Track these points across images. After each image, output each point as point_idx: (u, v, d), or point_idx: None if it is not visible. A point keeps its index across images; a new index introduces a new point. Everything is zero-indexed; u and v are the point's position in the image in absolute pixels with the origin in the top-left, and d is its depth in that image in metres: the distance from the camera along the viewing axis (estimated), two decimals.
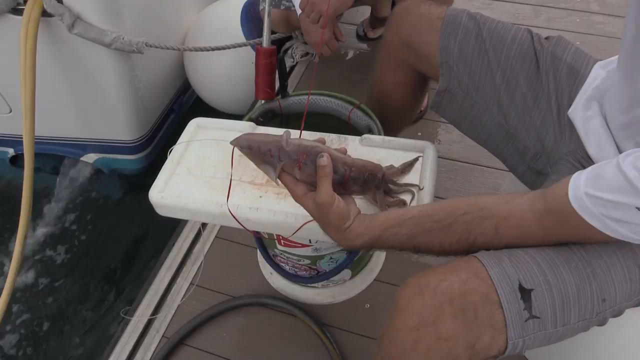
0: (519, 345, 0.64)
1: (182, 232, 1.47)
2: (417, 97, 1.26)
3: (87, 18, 1.61)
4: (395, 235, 0.72)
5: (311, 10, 1.38)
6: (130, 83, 1.85)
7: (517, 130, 1.00)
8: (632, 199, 0.56)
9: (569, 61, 0.94)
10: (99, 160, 2.13)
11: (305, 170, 0.74)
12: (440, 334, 0.62)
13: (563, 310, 0.65)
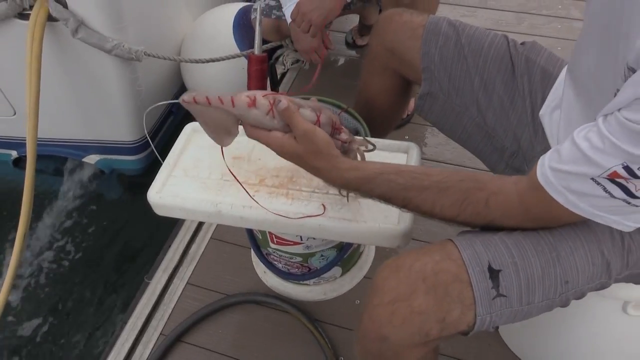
0: (487, 321, 0.70)
1: (178, 234, 1.51)
2: (402, 101, 1.32)
3: (91, 24, 1.67)
4: (390, 182, 0.76)
5: (302, 20, 1.44)
6: (131, 86, 1.90)
7: (495, 131, 1.06)
8: (586, 169, 0.61)
9: (543, 65, 1.00)
10: (101, 162, 2.18)
11: (277, 118, 0.77)
12: (413, 308, 0.68)
13: (528, 290, 0.71)
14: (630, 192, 0.60)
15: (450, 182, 0.75)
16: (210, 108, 0.76)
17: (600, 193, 0.62)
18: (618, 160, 0.58)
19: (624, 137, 0.57)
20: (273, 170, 1.04)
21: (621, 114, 0.57)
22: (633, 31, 0.61)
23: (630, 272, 0.79)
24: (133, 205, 2.20)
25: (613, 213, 0.65)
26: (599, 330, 1.04)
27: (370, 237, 0.96)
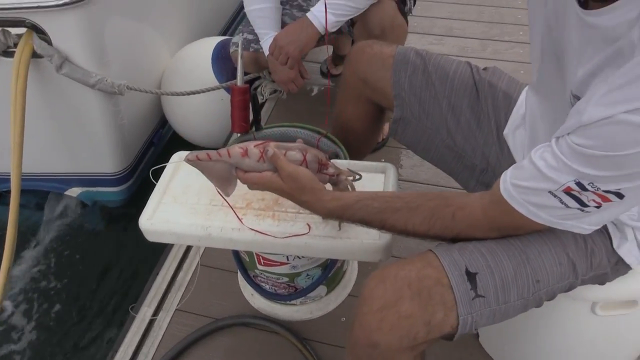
0: (469, 321, 0.76)
1: (165, 261, 1.55)
2: (376, 126, 1.40)
3: (75, 60, 1.72)
4: (367, 207, 0.85)
5: (279, 53, 1.52)
6: (114, 119, 1.95)
7: (464, 150, 1.14)
8: (543, 184, 0.69)
9: (504, 88, 1.10)
10: (83, 194, 2.21)
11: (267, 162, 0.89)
12: (400, 313, 0.74)
13: (504, 290, 0.78)
14: (583, 202, 0.69)
15: (419, 202, 0.84)
16: (211, 162, 0.88)
17: (557, 204, 0.70)
18: (570, 177, 0.66)
19: (573, 158, 0.65)
20: (259, 193, 1.10)
21: (570, 138, 0.65)
22: (572, 63, 0.71)
23: (595, 273, 0.87)
24: (116, 237, 2.22)
25: (569, 219, 0.73)
26: (572, 331, 1.11)
27: (353, 252, 1.02)
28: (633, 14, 0.61)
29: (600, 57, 0.66)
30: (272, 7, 1.65)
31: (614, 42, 0.63)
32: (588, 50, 0.68)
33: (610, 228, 0.86)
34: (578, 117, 0.64)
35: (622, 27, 0.63)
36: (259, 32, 1.66)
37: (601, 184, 0.65)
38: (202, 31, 2.48)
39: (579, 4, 0.70)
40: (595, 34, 0.67)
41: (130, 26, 2.01)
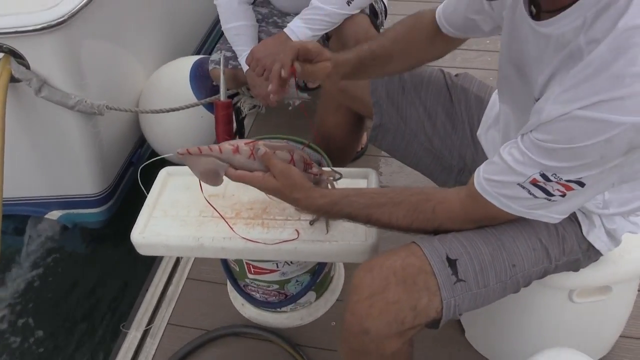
0: (452, 305, 0.82)
1: (154, 277, 1.56)
2: (356, 134, 1.46)
3: (53, 82, 1.73)
4: (353, 204, 0.90)
5: (256, 65, 1.56)
6: (93, 140, 1.96)
7: (442, 152, 1.20)
8: (512, 177, 0.76)
9: (475, 92, 1.17)
10: (63, 217, 2.19)
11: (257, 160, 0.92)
12: (388, 299, 0.79)
13: (483, 274, 0.84)
14: (549, 192, 0.76)
15: (402, 197, 0.89)
16: (201, 157, 0.91)
17: (526, 195, 0.77)
18: (535, 170, 0.74)
19: (536, 152, 0.73)
20: (247, 203, 1.13)
21: (532, 134, 0.73)
22: (533, 71, 0.79)
23: (568, 258, 0.93)
24: (100, 258, 2.21)
25: (538, 209, 0.79)
26: (552, 319, 1.17)
27: (342, 254, 1.06)
28: (578, 21, 0.69)
29: (554, 62, 0.73)
30: (248, 24, 1.70)
31: (564, 48, 0.71)
32: (544, 57, 0.76)
33: (579, 216, 0.92)
34: (538, 116, 0.71)
35: (570, 33, 0.70)
36: (236, 49, 1.70)
37: (563, 174, 0.71)
38: (177, 51, 2.51)
39: (531, 17, 0.77)
40: (548, 42, 0.74)
41: (106, 48, 2.03)
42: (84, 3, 1.70)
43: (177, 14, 2.57)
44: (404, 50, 1.07)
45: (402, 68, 1.12)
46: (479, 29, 1.00)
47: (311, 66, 0.96)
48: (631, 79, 0.63)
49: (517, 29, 0.82)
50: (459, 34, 1.04)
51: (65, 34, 1.70)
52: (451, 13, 1.02)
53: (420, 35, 1.07)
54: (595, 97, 0.65)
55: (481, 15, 0.97)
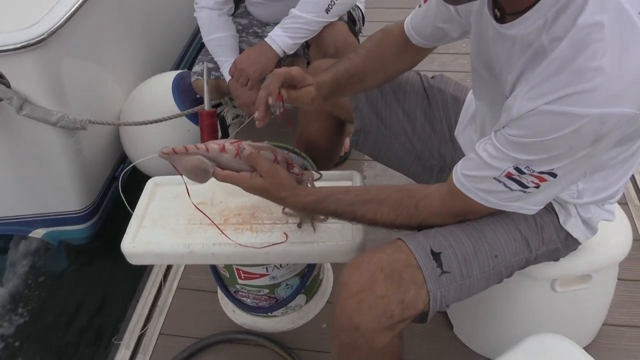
0: (438, 296, 0.84)
1: (145, 287, 1.57)
2: (338, 139, 1.49)
3: (34, 100, 1.73)
4: (339, 201, 0.92)
5: (239, 75, 1.59)
6: (76, 156, 1.96)
7: (422, 153, 1.24)
8: (488, 172, 0.80)
9: (452, 92, 1.21)
10: (48, 234, 2.18)
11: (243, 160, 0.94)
12: (376, 293, 0.82)
13: (466, 265, 0.87)
14: (523, 184, 0.79)
15: (386, 194, 0.92)
16: (187, 155, 0.90)
17: (502, 188, 0.81)
18: (509, 164, 0.78)
19: (509, 146, 0.77)
20: (235, 209, 1.15)
21: (504, 130, 0.77)
22: (504, 72, 0.83)
23: (547, 248, 0.97)
24: (86, 274, 2.19)
25: (515, 201, 0.83)
26: (537, 310, 1.20)
27: (330, 254, 1.08)
28: (540, 21, 0.73)
29: (521, 61, 0.77)
30: (229, 35, 1.73)
31: (529, 47, 0.75)
32: (512, 58, 0.80)
33: (555, 206, 0.96)
34: (509, 113, 0.75)
35: (533, 33, 0.75)
36: (218, 60, 1.73)
37: (536, 166, 0.75)
38: (156, 67, 2.52)
39: (495, 20, 0.81)
40: (514, 43, 0.79)
41: (86, 65, 2.04)
42: (62, 21, 1.71)
43: (155, 30, 2.60)
44: (377, 65, 1.10)
45: (377, 82, 1.15)
46: (448, 36, 1.04)
47: (296, 92, 0.99)
48: (592, 73, 0.67)
49: (484, 33, 0.86)
50: (428, 43, 1.08)
51: (45, 52, 1.71)
52: (419, 24, 1.05)
53: (390, 49, 1.10)
54: (561, 91, 0.69)
55: (450, 23, 1.01)
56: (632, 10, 0.68)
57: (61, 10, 1.74)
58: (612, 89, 0.67)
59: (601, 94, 0.67)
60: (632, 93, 0.68)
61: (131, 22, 2.35)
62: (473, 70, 0.98)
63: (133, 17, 2.35)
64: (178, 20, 2.86)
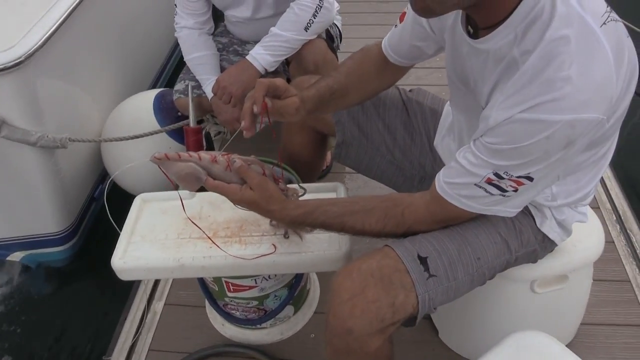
0: (427, 299, 0.88)
1: (132, 305, 1.57)
2: (320, 152, 1.53)
3: (12, 121, 1.73)
4: (327, 212, 0.95)
5: (222, 93, 1.63)
6: (54, 177, 1.95)
7: (403, 163, 1.28)
8: (468, 178, 0.84)
9: (429, 104, 1.26)
10: (26, 257, 2.15)
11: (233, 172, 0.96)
12: (368, 298, 0.85)
13: (451, 268, 0.91)
14: (502, 189, 0.84)
15: (373, 204, 0.96)
16: (179, 162, 0.93)
17: (483, 194, 0.86)
18: (489, 170, 0.82)
19: (488, 154, 0.82)
20: (223, 223, 1.18)
21: (482, 139, 0.82)
22: (479, 84, 0.88)
23: (526, 249, 1.02)
24: (68, 296, 2.16)
25: (495, 205, 0.88)
26: (518, 311, 1.25)
27: (318, 264, 1.11)
28: (511, 36, 0.78)
29: (495, 74, 0.83)
30: (210, 54, 1.77)
31: (502, 60, 0.80)
32: (485, 71, 0.85)
33: (532, 210, 1.01)
34: (486, 122, 0.80)
35: (505, 47, 0.80)
36: (200, 78, 1.76)
37: (513, 171, 0.80)
38: (135, 86, 2.54)
39: (469, 36, 0.87)
40: (488, 57, 0.84)
41: (64, 85, 2.04)
42: (39, 44, 1.72)
43: (132, 50, 2.61)
44: (358, 83, 1.14)
45: (359, 99, 1.19)
46: (424, 53, 1.10)
47: (280, 102, 1.01)
48: (561, 83, 0.72)
49: (458, 48, 0.92)
50: (406, 61, 1.13)
51: (22, 75, 1.70)
52: (397, 43, 1.10)
53: (370, 67, 1.15)
54: (533, 100, 0.74)
55: (425, 41, 1.06)
56: (594, 24, 0.74)
57: (38, 33, 1.75)
58: (579, 97, 0.73)
59: (570, 102, 0.73)
60: (598, 100, 0.74)
61: (108, 43, 2.36)
62: (450, 83, 1.04)
63: (110, 38, 2.37)
64: (154, 39, 2.89)
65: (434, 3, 0.75)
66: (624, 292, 1.53)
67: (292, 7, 1.60)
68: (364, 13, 3.05)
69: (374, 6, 3.14)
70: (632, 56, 0.79)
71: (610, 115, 0.79)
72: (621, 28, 0.78)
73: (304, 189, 1.10)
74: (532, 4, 0.75)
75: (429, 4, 0.76)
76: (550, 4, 0.74)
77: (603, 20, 0.75)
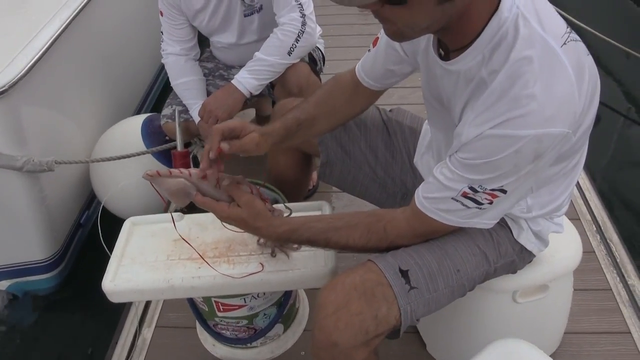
0: (409, 311, 0.91)
1: (123, 328, 1.58)
2: (306, 172, 1.56)
3: None
4: (312, 229, 0.98)
5: (209, 117, 1.67)
6: (40, 204, 1.95)
7: (385, 181, 1.32)
8: (445, 193, 0.88)
9: (409, 124, 1.30)
10: (12, 286, 2.13)
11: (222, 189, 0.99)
12: (352, 311, 0.88)
13: (432, 280, 0.95)
14: (478, 202, 0.88)
15: (357, 219, 1.00)
16: (170, 178, 0.96)
17: (460, 207, 0.90)
18: (464, 184, 0.87)
19: (462, 168, 0.86)
20: (212, 244, 1.21)
21: (457, 154, 0.86)
22: (452, 103, 0.93)
23: (504, 260, 1.06)
24: (55, 324, 2.13)
25: (472, 217, 0.92)
26: (501, 320, 1.28)
27: (304, 280, 1.14)
28: (479, 57, 0.83)
29: (466, 93, 0.87)
30: (196, 79, 1.82)
31: (472, 80, 0.85)
32: (457, 90, 0.90)
33: (508, 221, 1.05)
34: (459, 139, 0.85)
35: (474, 68, 0.85)
36: (187, 102, 1.80)
37: (487, 184, 0.85)
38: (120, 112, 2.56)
39: (440, 58, 0.92)
40: (458, 78, 0.89)
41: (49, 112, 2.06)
42: (23, 72, 1.74)
43: (117, 76, 2.64)
44: (327, 112, 1.19)
45: (329, 127, 1.24)
46: (398, 75, 1.14)
47: (239, 141, 1.05)
48: (526, 100, 0.77)
49: (432, 70, 0.97)
50: (379, 85, 1.17)
51: (6, 102, 1.72)
52: (370, 68, 1.14)
53: (341, 96, 1.20)
54: (501, 117, 0.79)
55: (399, 65, 1.11)
56: (555, 45, 0.79)
57: (22, 61, 1.78)
58: (544, 113, 0.77)
59: (536, 117, 0.77)
60: (562, 115, 0.79)
61: (92, 69, 2.39)
62: (426, 103, 1.08)
63: (94, 64, 2.40)
64: (139, 65, 2.92)
65: (405, 28, 0.80)
66: (606, 301, 1.57)
67: (275, 32, 1.65)
68: (346, 35, 3.13)
69: (356, 29, 3.22)
70: (592, 73, 0.84)
71: (576, 129, 0.83)
72: (581, 47, 0.83)
73: (289, 209, 1.14)
74: (497, 28, 0.80)
75: (400, 28, 0.80)
76: (513, 27, 0.80)
77: (563, 41, 0.80)
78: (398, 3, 0.74)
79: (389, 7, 0.76)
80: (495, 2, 0.80)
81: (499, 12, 0.80)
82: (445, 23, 0.80)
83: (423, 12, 0.76)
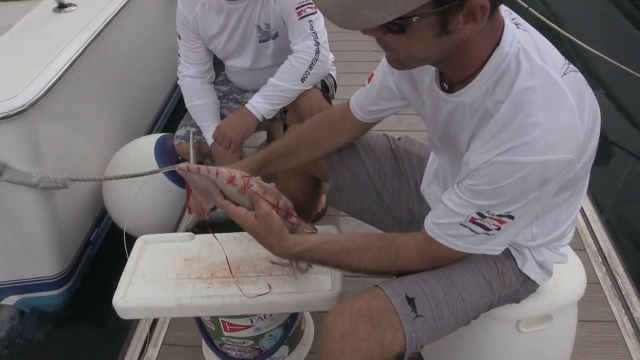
0: (414, 338, 0.93)
1: (129, 347, 1.59)
2: (315, 196, 1.59)
3: (14, 165, 1.78)
4: (325, 250, 1.01)
5: (222, 139, 1.71)
6: (53, 221, 1.99)
7: (392, 207, 1.35)
8: (454, 219, 0.91)
9: (416, 152, 1.34)
10: (21, 301, 2.15)
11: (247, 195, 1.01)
12: (358, 337, 0.90)
13: (437, 309, 0.97)
14: (486, 227, 0.91)
15: (369, 243, 1.02)
16: (198, 175, 0.99)
17: (468, 233, 0.92)
18: (472, 210, 0.89)
19: (470, 195, 0.89)
20: (221, 264, 1.23)
21: (465, 181, 0.89)
22: (459, 133, 0.96)
23: (508, 290, 1.07)
24: (62, 340, 2.14)
25: (481, 244, 0.94)
26: (505, 349, 1.28)
27: (312, 303, 1.16)
28: (483, 89, 0.87)
29: (472, 123, 0.90)
30: (211, 102, 1.86)
31: (477, 111, 0.89)
32: (463, 121, 0.93)
33: (513, 251, 1.07)
34: (467, 166, 0.88)
35: (479, 99, 0.88)
36: (201, 124, 1.85)
37: (495, 210, 0.87)
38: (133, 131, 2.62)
39: (444, 92, 0.95)
40: (464, 109, 0.92)
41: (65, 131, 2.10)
42: (42, 93, 1.79)
43: (131, 96, 2.70)
44: (310, 143, 1.26)
45: (313, 158, 1.30)
46: (388, 111, 1.20)
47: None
48: (531, 127, 0.80)
49: (438, 104, 1.00)
50: (370, 118, 1.23)
51: (25, 122, 1.77)
52: (363, 101, 1.20)
53: (328, 125, 1.26)
54: (507, 145, 0.82)
55: (391, 101, 1.16)
56: (556, 75, 0.83)
57: (41, 82, 1.83)
58: (549, 140, 0.81)
59: (540, 144, 0.80)
60: (566, 142, 0.82)
61: (107, 90, 2.45)
62: (434, 133, 1.11)
63: (109, 86, 2.45)
64: (152, 86, 2.98)
65: (405, 56, 0.84)
66: (611, 333, 1.57)
67: (289, 59, 1.70)
68: (357, 62, 3.19)
69: (367, 55, 3.28)
70: (592, 102, 0.88)
71: (580, 155, 0.86)
72: (580, 77, 0.87)
73: (315, 229, 1.15)
74: (499, 61, 0.84)
75: (401, 56, 0.84)
76: (515, 61, 0.83)
77: (563, 72, 0.84)
78: (397, 32, 0.77)
79: (390, 35, 0.79)
80: (496, 37, 0.84)
81: (501, 46, 0.84)
82: (445, 55, 0.84)
83: (421, 43, 0.79)
